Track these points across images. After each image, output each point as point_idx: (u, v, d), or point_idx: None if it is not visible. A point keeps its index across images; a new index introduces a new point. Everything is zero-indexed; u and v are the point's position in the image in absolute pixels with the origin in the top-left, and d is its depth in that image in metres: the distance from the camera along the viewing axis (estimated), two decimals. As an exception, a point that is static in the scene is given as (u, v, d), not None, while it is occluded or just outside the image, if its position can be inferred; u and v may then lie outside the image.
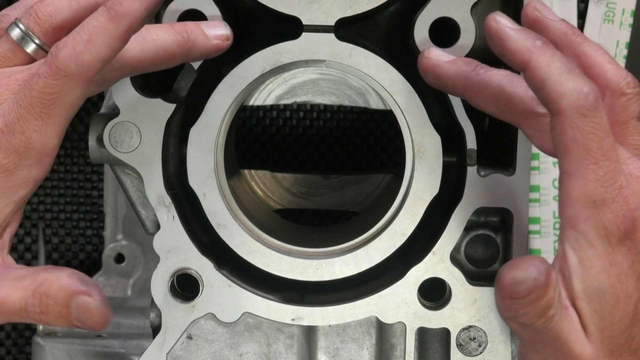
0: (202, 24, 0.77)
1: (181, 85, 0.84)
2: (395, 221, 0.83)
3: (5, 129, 0.69)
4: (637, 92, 0.70)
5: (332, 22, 0.81)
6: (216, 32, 0.77)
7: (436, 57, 0.77)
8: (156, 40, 0.74)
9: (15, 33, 0.73)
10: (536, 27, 0.72)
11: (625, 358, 0.69)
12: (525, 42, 0.68)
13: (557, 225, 1.15)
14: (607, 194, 0.66)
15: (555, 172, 1.17)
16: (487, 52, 0.83)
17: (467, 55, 0.79)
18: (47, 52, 0.72)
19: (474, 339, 0.83)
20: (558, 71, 0.66)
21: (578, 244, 0.67)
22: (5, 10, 0.76)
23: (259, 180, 1.11)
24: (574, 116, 0.65)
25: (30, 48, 0.73)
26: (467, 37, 0.80)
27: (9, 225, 0.73)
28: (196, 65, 0.81)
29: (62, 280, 0.70)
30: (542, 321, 0.66)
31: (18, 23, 0.73)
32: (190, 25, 0.76)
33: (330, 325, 0.85)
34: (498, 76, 0.73)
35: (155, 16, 0.83)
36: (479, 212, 0.82)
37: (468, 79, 0.74)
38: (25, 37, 0.73)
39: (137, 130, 0.81)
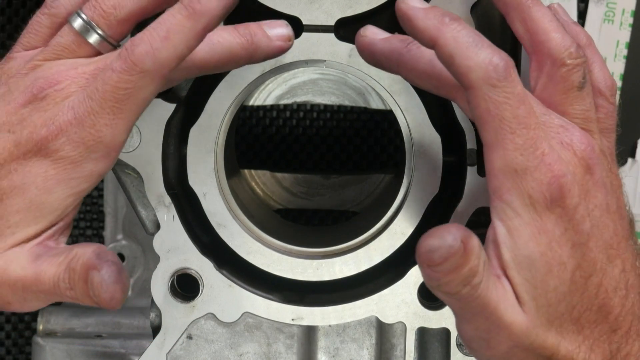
0: (264, 24, 0.76)
1: (181, 85, 0.84)
2: (395, 221, 0.83)
3: (75, 122, 0.69)
4: (578, 63, 0.70)
5: (332, 22, 0.81)
6: (278, 32, 0.76)
7: (371, 34, 0.75)
8: (223, 42, 0.73)
9: (78, 23, 0.72)
10: None
11: (567, 327, 0.68)
12: (432, 20, 0.67)
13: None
14: (528, 162, 0.66)
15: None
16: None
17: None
18: (111, 44, 0.72)
19: (474, 339, 0.83)
20: (465, 45, 0.66)
21: (505, 214, 0.67)
22: None
23: (259, 180, 1.11)
24: (485, 88, 0.65)
25: (94, 39, 0.72)
26: (467, 37, 0.79)
27: (67, 216, 0.73)
28: (196, 65, 0.81)
29: (86, 255, 0.70)
30: (467, 289, 0.65)
31: (81, 14, 0.72)
32: (252, 27, 0.75)
33: (330, 325, 0.85)
34: (429, 52, 0.72)
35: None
36: (479, 212, 0.82)
37: (401, 55, 0.73)
38: (89, 28, 0.72)
39: (137, 130, 0.81)
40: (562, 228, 0.67)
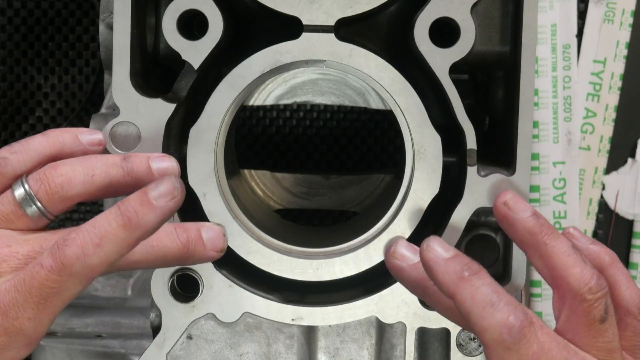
0: (204, 230, 0.76)
1: (181, 85, 0.84)
2: (395, 221, 0.83)
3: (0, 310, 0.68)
4: (599, 297, 0.70)
5: (332, 22, 0.81)
6: (216, 244, 0.76)
7: (401, 258, 0.77)
8: (161, 248, 0.74)
9: (20, 193, 0.72)
10: (504, 222, 0.74)
11: None
12: (452, 275, 0.69)
13: (557, 226, 1.15)
14: None
15: (555, 172, 1.17)
16: (485, 55, 0.83)
17: (467, 56, 0.79)
18: (48, 218, 0.73)
19: (474, 339, 0.83)
20: (481, 305, 0.67)
21: None
22: (4, 152, 0.74)
23: (259, 180, 1.11)
24: (499, 349, 0.67)
25: (31, 211, 0.72)
26: (467, 37, 0.80)
27: None
28: (196, 65, 0.81)
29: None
30: None
31: (25, 184, 0.72)
32: (192, 232, 0.75)
33: (330, 325, 0.85)
34: None
35: (156, 17, 0.84)
36: (479, 212, 0.82)
37: (426, 288, 0.75)
38: (29, 199, 0.72)
39: (137, 130, 0.81)
40: None
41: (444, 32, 0.80)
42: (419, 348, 0.85)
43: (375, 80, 0.81)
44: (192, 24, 0.82)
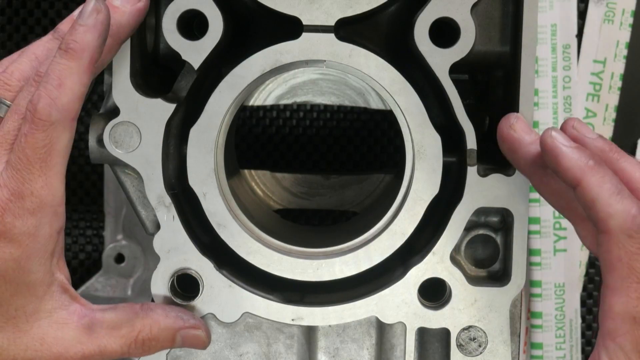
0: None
1: (181, 85, 0.84)
2: (395, 221, 0.83)
3: (14, 197, 0.70)
4: None
5: (332, 22, 0.81)
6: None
7: (521, 131, 0.78)
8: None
9: None
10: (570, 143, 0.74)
11: None
12: (578, 161, 0.71)
13: (557, 226, 1.15)
14: None
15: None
16: (485, 55, 0.83)
17: (467, 56, 0.79)
18: (5, 104, 0.74)
19: (474, 339, 0.83)
20: (608, 192, 0.69)
21: (615, 355, 0.70)
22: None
23: (259, 180, 1.11)
24: (621, 237, 0.69)
25: (3, 111, 0.74)
26: (467, 37, 0.80)
27: (60, 269, 0.75)
28: (196, 65, 0.81)
29: (161, 322, 0.77)
30: None
31: None
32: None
33: (330, 325, 0.85)
34: None
35: (156, 17, 0.84)
36: (479, 212, 0.82)
37: (541, 168, 0.76)
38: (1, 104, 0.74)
39: (137, 130, 0.81)
40: None
41: (444, 32, 0.80)
42: (419, 348, 0.85)
43: (375, 80, 0.81)
44: (192, 24, 0.82)
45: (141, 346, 0.76)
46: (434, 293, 0.83)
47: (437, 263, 0.82)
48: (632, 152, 1.19)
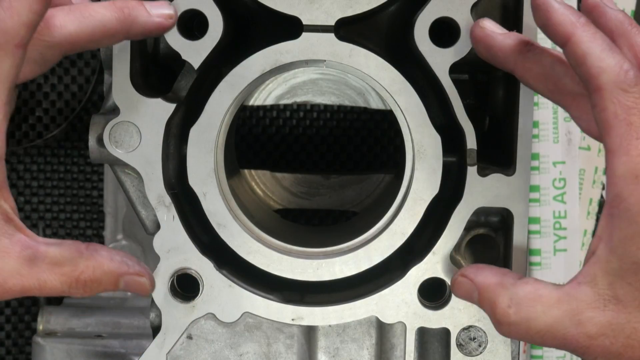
0: (146, 2, 0.75)
1: (181, 85, 0.84)
2: (395, 221, 0.83)
3: None
4: None
5: (332, 22, 0.81)
6: (159, 10, 0.76)
7: (490, 27, 0.76)
8: (95, 16, 0.73)
9: None
10: (595, 12, 0.72)
11: None
12: (570, 16, 0.68)
13: (557, 226, 1.15)
14: None
15: (555, 172, 1.17)
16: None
17: (467, 56, 0.79)
18: None
19: (474, 339, 0.83)
20: (600, 47, 0.66)
21: (621, 220, 0.66)
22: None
23: (259, 180, 1.11)
24: (615, 91, 0.65)
25: None
26: (467, 37, 0.80)
27: (4, 199, 0.70)
28: (196, 65, 0.81)
29: (105, 265, 0.73)
30: None
31: None
32: (132, 2, 0.74)
33: (330, 325, 0.85)
34: (549, 55, 0.73)
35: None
36: (479, 212, 0.82)
37: (520, 54, 0.74)
38: None
39: (137, 130, 0.81)
40: None
41: (444, 32, 0.80)
42: (419, 348, 0.85)
43: (375, 80, 0.81)
44: (192, 24, 0.82)
45: (82, 287, 0.72)
46: (434, 293, 0.83)
47: (437, 263, 0.82)
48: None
